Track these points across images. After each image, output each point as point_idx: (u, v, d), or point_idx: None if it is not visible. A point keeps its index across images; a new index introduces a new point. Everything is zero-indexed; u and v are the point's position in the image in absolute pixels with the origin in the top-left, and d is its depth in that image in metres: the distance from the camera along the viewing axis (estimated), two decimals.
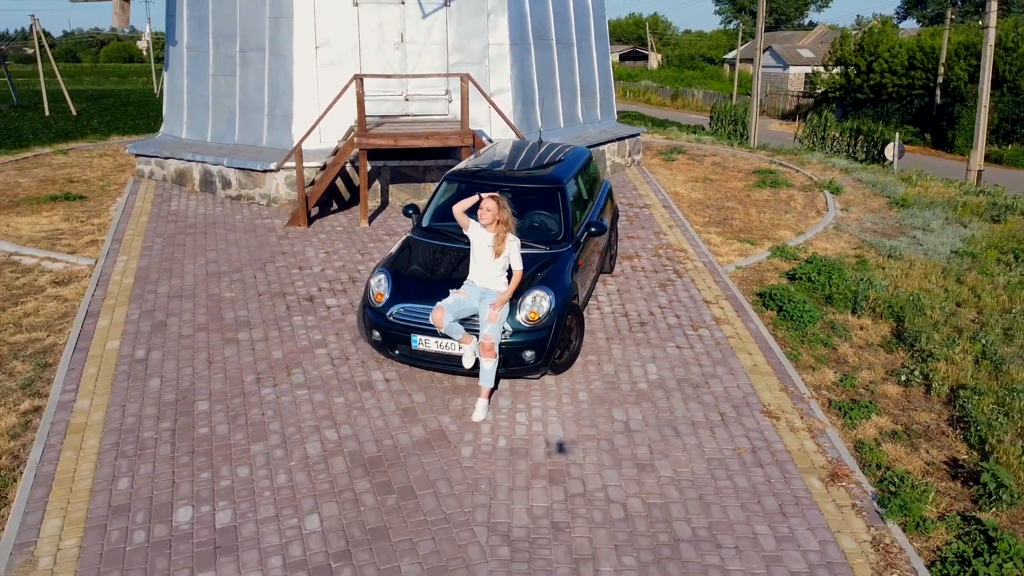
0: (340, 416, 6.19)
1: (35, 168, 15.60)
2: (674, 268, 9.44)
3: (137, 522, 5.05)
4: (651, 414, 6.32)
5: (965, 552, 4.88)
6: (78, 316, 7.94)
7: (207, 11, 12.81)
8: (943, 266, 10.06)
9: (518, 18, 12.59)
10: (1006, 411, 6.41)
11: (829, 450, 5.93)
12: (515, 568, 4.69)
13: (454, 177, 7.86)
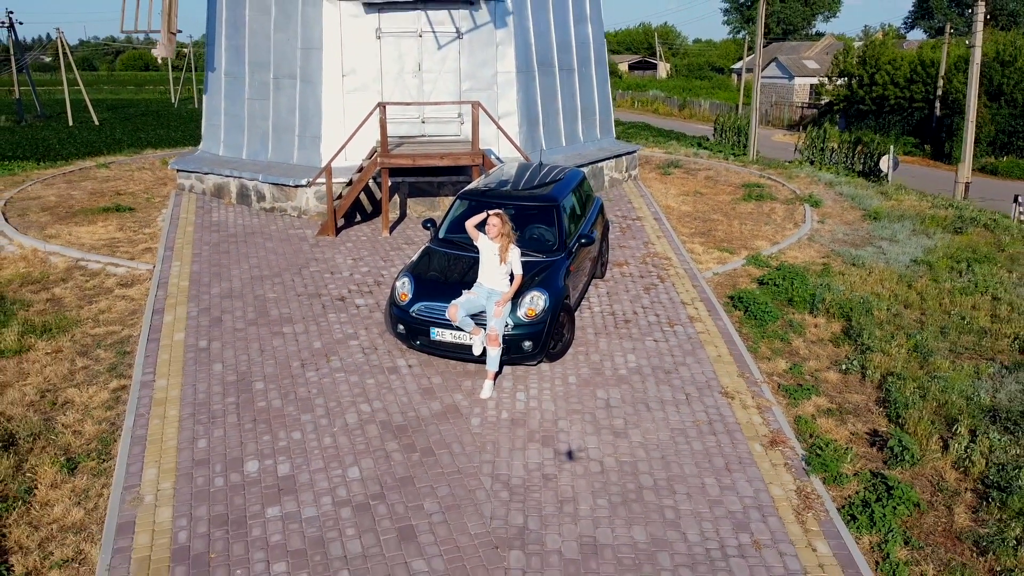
0: (372, 394, 7.58)
1: (82, 181, 17.11)
2: (658, 274, 10.80)
3: (216, 471, 6.44)
4: (628, 394, 7.67)
5: (868, 498, 6.20)
6: (146, 313, 9.37)
7: (243, 42, 14.30)
8: (899, 273, 11.37)
9: (524, 48, 14.00)
10: (923, 393, 7.73)
11: (772, 423, 7.27)
12: (512, 506, 6.05)
13: (466, 195, 9.26)
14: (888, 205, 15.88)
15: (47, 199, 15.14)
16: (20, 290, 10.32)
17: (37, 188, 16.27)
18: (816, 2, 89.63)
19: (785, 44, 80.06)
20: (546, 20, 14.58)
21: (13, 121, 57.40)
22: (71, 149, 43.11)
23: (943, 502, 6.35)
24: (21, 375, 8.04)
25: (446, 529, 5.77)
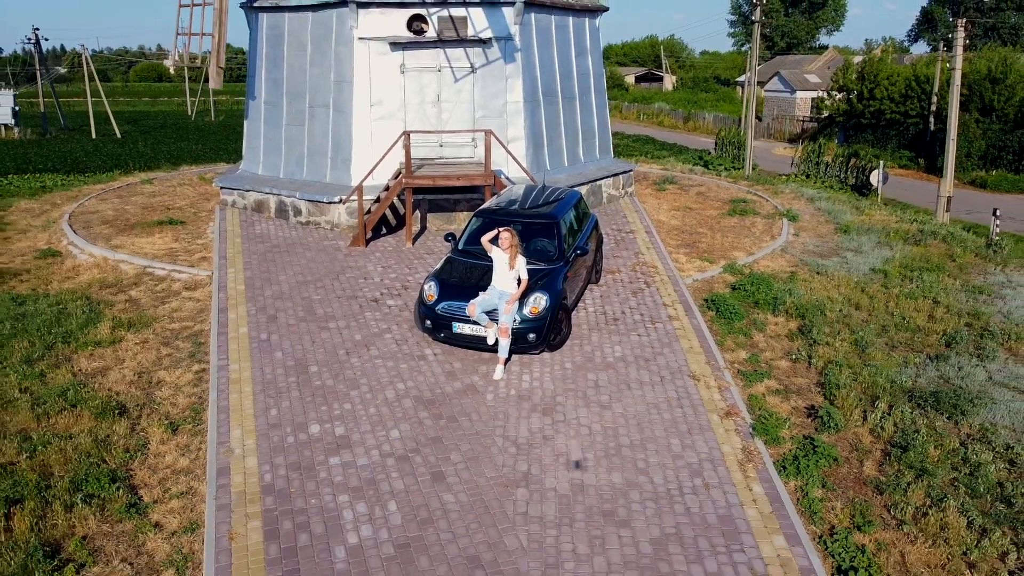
0: (405, 375, 9.40)
1: (132, 196, 19.06)
2: (645, 280, 12.60)
3: (287, 432, 8.27)
4: (613, 377, 9.47)
5: (798, 454, 7.97)
6: (212, 311, 11.24)
7: (282, 75, 16.23)
8: (857, 280, 13.13)
9: (530, 81, 15.87)
10: (855, 377, 9.49)
11: (729, 399, 9.05)
12: (519, 458, 7.85)
13: (481, 214, 11.10)
14: (859, 220, 17.63)
15: (105, 213, 17.08)
16: (100, 292, 12.20)
17: (93, 203, 18.22)
18: (819, 16, 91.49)
19: (789, 58, 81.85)
20: (550, 55, 16.46)
21: (38, 134, 59.75)
22: (98, 162, 45.28)
23: (856, 458, 8.12)
24: (118, 360, 9.90)
25: (468, 473, 7.58)
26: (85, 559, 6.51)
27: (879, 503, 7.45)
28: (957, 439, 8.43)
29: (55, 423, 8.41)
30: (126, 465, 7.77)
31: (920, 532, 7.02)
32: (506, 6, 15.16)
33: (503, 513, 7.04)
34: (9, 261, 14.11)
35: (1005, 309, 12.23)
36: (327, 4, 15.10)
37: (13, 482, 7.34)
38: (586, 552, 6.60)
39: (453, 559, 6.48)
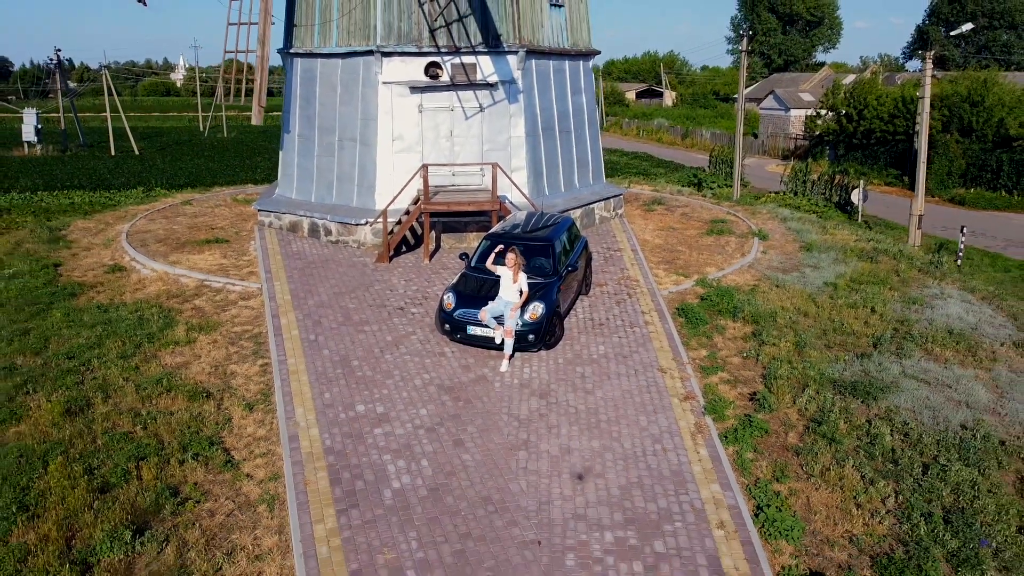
0: (429, 368, 11.79)
1: (177, 217, 21.51)
2: (628, 292, 14.99)
3: (338, 410, 10.65)
4: (596, 370, 11.84)
5: (737, 427, 10.33)
6: (267, 317, 13.64)
7: (315, 112, 18.71)
8: (809, 292, 15.50)
9: (531, 118, 18.34)
10: (791, 371, 11.85)
11: (688, 387, 11.42)
12: (520, 429, 10.21)
13: (490, 237, 13.52)
14: (823, 239, 20.02)
15: (157, 232, 19.53)
16: (169, 302, 14.63)
17: (143, 223, 20.68)
18: (816, 34, 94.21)
19: (785, 75, 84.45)
20: (548, 95, 18.93)
21: (59, 150, 62.37)
22: (121, 179, 47.95)
23: (783, 431, 10.48)
24: (196, 356, 12.31)
25: (481, 440, 9.95)
26: (199, 498, 8.89)
27: (795, 463, 9.80)
28: (865, 417, 10.79)
29: (157, 403, 10.81)
30: (218, 434, 10.16)
31: (824, 483, 9.37)
32: (510, 54, 17.64)
33: (508, 468, 9.41)
34: (83, 275, 16.55)
35: (931, 316, 14.59)
36: (355, 53, 17.60)
37: (136, 445, 9.73)
38: (570, 494, 8.97)
39: (471, 498, 8.85)
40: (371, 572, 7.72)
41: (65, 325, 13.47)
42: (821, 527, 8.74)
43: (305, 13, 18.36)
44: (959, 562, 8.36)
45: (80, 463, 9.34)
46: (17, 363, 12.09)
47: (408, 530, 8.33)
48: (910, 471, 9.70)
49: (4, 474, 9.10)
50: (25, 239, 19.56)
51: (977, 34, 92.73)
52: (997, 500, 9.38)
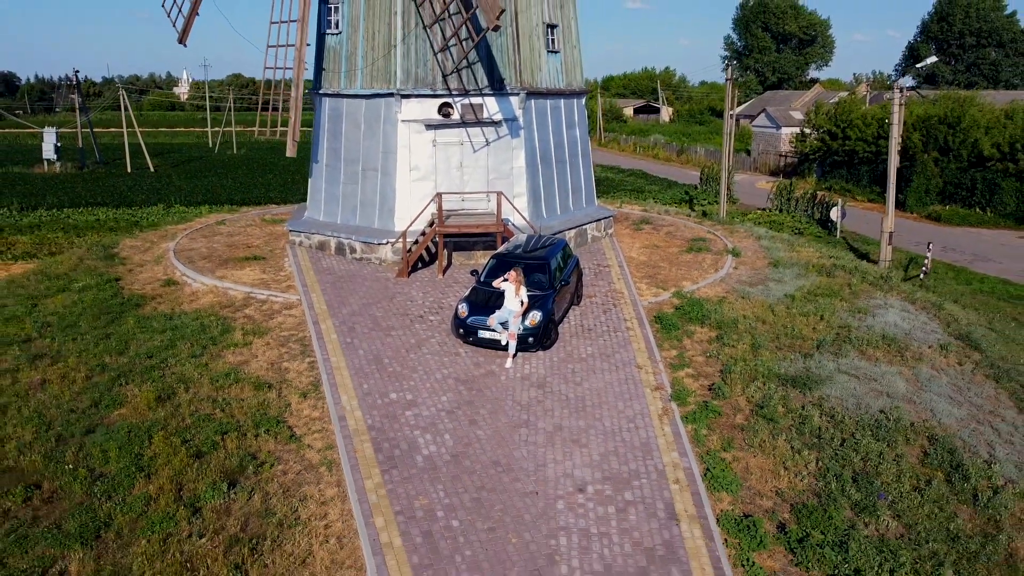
0: (447, 365, 14.48)
1: (215, 236, 24.23)
2: (613, 302, 17.70)
3: (376, 397, 13.34)
4: (585, 366, 14.53)
5: (696, 411, 13.01)
6: (308, 324, 16.34)
7: (340, 145, 21.48)
8: (770, 303, 18.19)
9: (531, 150, 21.10)
10: (745, 367, 14.53)
11: (659, 380, 14.10)
12: (521, 412, 12.88)
13: (496, 256, 16.25)
14: (790, 255, 22.73)
15: (199, 250, 22.25)
16: (222, 311, 17.32)
17: (186, 241, 23.40)
18: (809, 52, 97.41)
19: (779, 93, 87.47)
20: (546, 129, 21.71)
21: (77, 167, 65.23)
22: (142, 196, 50.88)
23: (732, 413, 13.15)
24: (253, 356, 15.00)
25: (491, 420, 12.63)
26: (273, 462, 11.56)
27: (740, 437, 12.48)
28: (800, 404, 13.47)
29: (228, 392, 13.50)
30: (281, 415, 12.84)
31: (760, 452, 12.05)
32: (512, 95, 20.43)
33: (512, 440, 12.09)
34: (142, 288, 19.25)
35: (871, 323, 17.28)
36: (378, 95, 20.38)
37: (218, 423, 12.41)
38: (560, 459, 11.65)
39: (483, 462, 11.52)
40: (410, 512, 10.40)
41: (139, 330, 16.17)
42: (755, 484, 11.42)
43: (333, 60, 21.17)
44: (860, 510, 11.03)
45: (177, 436, 12.03)
46: (107, 361, 14.79)
47: (436, 484, 11.01)
48: (830, 444, 12.39)
49: (120, 444, 11.78)
50: (85, 256, 22.27)
51: (967, 52, 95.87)
52: (899, 467, 12.07)
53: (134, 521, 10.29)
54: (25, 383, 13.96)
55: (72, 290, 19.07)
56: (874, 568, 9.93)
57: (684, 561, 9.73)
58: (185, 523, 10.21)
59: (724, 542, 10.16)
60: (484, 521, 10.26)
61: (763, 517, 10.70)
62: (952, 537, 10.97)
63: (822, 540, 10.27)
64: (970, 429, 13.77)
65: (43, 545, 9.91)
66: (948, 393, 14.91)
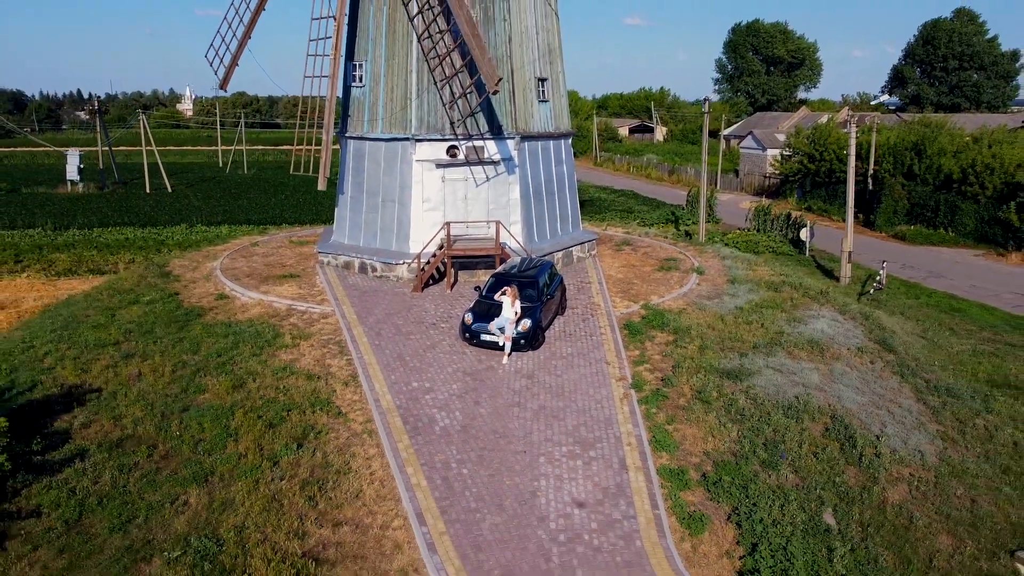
0: (456, 362, 18.55)
1: (252, 257, 28.33)
2: (591, 312, 21.77)
3: (401, 385, 17.40)
4: (566, 363, 18.60)
5: (650, 396, 17.06)
6: (343, 330, 20.40)
7: (363, 180, 25.63)
8: (721, 314, 22.24)
9: (525, 185, 25.25)
10: (692, 363, 18.58)
11: (623, 373, 18.16)
12: (515, 396, 16.94)
13: (495, 275, 20.36)
14: (747, 274, 26.81)
15: (242, 268, 26.33)
16: (271, 320, 21.38)
17: (228, 261, 27.49)
18: (797, 75, 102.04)
19: (767, 115, 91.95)
20: (538, 167, 25.89)
21: (98, 187, 69.45)
22: (165, 216, 55.12)
23: (677, 398, 17.19)
24: (301, 355, 19.05)
25: (490, 402, 16.69)
26: (327, 430, 15.59)
27: (681, 415, 16.51)
28: (731, 391, 17.51)
29: (286, 381, 17.54)
30: (329, 398, 16.88)
31: (695, 425, 16.08)
32: (509, 139, 24.59)
33: (507, 416, 16.14)
34: (199, 301, 23.31)
35: (802, 330, 21.33)
36: (396, 139, 24.55)
37: (282, 404, 16.45)
38: (543, 428, 15.69)
39: (485, 431, 15.55)
40: (432, 464, 14.44)
41: (206, 335, 20.23)
42: (688, 447, 15.47)
43: (357, 109, 25.37)
44: (765, 466, 15.07)
45: (252, 413, 16.07)
46: (185, 359, 18.84)
47: (450, 446, 15.05)
48: (749, 420, 16.43)
49: (210, 419, 15.82)
50: (144, 274, 26.35)
51: (950, 74, 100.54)
52: (802, 437, 16.11)
53: (231, 470, 14.33)
54: (125, 375, 18.02)
55: (142, 303, 23.13)
56: (767, 504, 13.96)
57: (630, 496, 13.77)
58: (268, 471, 14.25)
59: (660, 485, 14.20)
60: (486, 470, 14.31)
61: (691, 469, 14.75)
62: (837, 487, 15.02)
63: (731, 483, 14.32)
64: (868, 412, 17.83)
65: (168, 486, 13.95)
66: (855, 385, 18.97)
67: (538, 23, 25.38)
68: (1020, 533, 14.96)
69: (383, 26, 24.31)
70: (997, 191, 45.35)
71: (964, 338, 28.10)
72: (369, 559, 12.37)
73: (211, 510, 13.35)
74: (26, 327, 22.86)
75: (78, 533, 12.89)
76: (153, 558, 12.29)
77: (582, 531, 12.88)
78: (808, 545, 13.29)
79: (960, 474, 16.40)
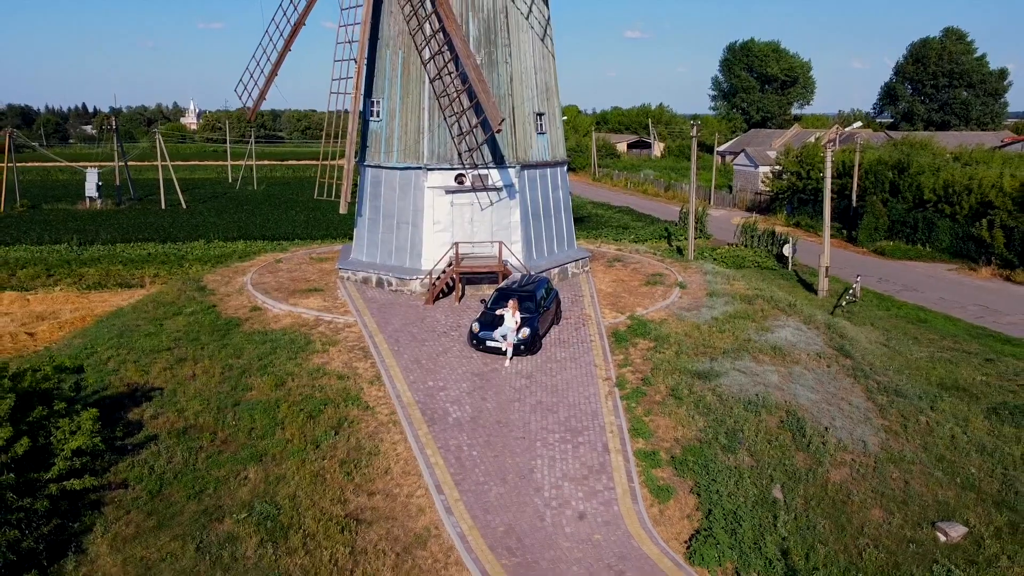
0: (465, 364, 21.74)
1: (277, 272, 31.55)
2: (583, 322, 24.96)
3: (418, 384, 20.58)
4: (560, 365, 21.78)
5: (631, 393, 20.23)
6: (365, 337, 23.59)
7: (380, 204, 28.89)
8: (698, 323, 25.41)
9: (524, 208, 28.49)
10: (669, 365, 21.75)
11: (609, 374, 21.33)
12: (516, 392, 20.11)
13: (499, 290, 23.59)
14: (725, 288, 29.99)
15: (270, 283, 29.55)
16: (301, 329, 24.56)
17: (256, 277, 30.70)
18: (791, 92, 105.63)
19: (761, 132, 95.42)
20: (536, 192, 29.15)
21: (115, 204, 72.73)
22: (183, 232, 58.33)
23: (655, 395, 20.34)
24: (331, 359, 22.23)
25: (495, 398, 19.88)
26: (358, 421, 18.75)
27: (657, 409, 19.67)
28: (700, 389, 20.65)
29: (320, 381, 20.71)
30: (358, 395, 20.05)
31: (668, 417, 19.24)
32: (510, 168, 27.86)
33: (509, 409, 19.31)
34: (235, 313, 26.50)
35: (768, 338, 24.49)
36: (410, 168, 27.82)
37: (319, 399, 19.62)
38: (539, 419, 18.86)
39: (491, 422, 18.72)
40: (447, 447, 17.60)
41: (246, 342, 23.41)
42: (661, 435, 18.63)
43: (375, 141, 28.67)
44: (725, 450, 18.22)
45: (295, 406, 19.24)
46: (231, 363, 22.02)
47: (461, 433, 18.22)
48: (714, 413, 19.58)
49: (260, 411, 18.97)
50: (183, 289, 29.56)
51: (940, 92, 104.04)
52: (759, 428, 19.24)
53: (280, 452, 17.49)
54: (181, 376, 21.20)
55: (184, 314, 26.33)
56: (724, 480, 17.11)
57: (610, 472, 16.92)
58: (311, 452, 17.42)
59: (636, 464, 17.36)
60: (492, 452, 17.47)
61: (662, 451, 17.91)
62: (786, 468, 18.16)
63: (695, 463, 17.48)
64: (820, 408, 20.98)
65: (229, 464, 17.11)
66: (811, 385, 22.13)
67: (536, 64, 28.71)
68: (944, 509, 18.06)
69: (399, 68, 27.65)
70: (972, 209, 48.49)
71: (925, 346, 31.27)
72: (398, 519, 15.53)
73: (267, 483, 16.52)
74: (84, 335, 26.09)
75: (160, 500, 16.05)
76: (225, 519, 15.44)
77: (570, 499, 16.04)
78: (756, 512, 16.45)
79: (897, 461, 19.50)
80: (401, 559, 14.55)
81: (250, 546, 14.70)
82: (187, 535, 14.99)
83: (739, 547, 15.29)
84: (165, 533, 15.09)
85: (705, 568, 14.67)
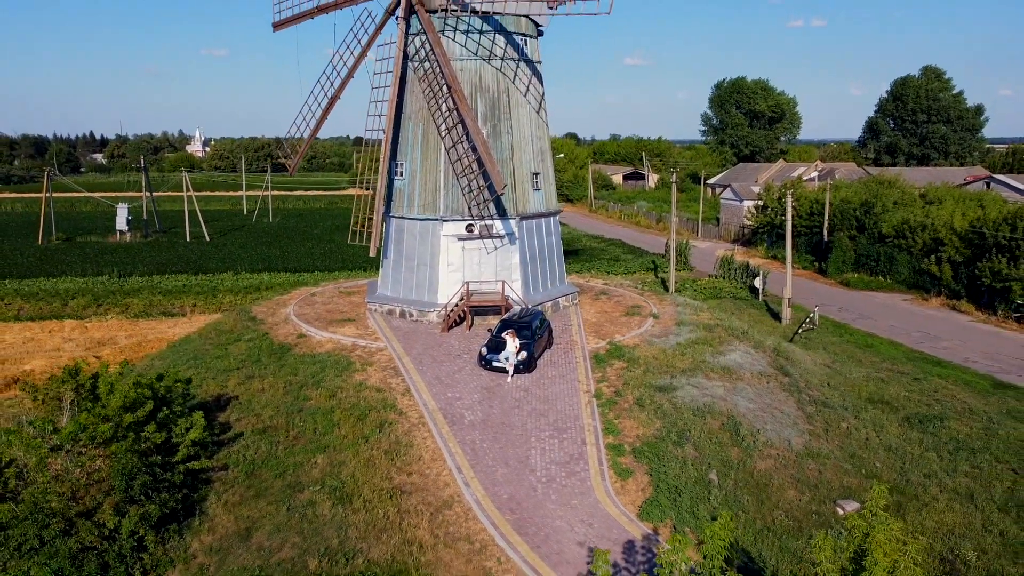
0: (475, 380, 27.99)
1: (314, 305, 37.84)
2: (570, 348, 31.21)
3: (440, 395, 26.82)
4: (551, 380, 28.03)
5: (606, 402, 26.43)
6: (395, 359, 29.83)
7: (403, 248, 35.26)
8: (666, 348, 31.63)
9: (523, 253, 34.86)
10: (637, 382, 27.95)
11: (589, 388, 27.55)
12: (516, 402, 26.34)
13: (502, 321, 29.92)
14: (692, 318, 36.23)
15: (309, 314, 35.82)
16: (342, 352, 30.79)
17: (296, 308, 36.99)
18: (778, 128, 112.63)
19: (749, 165, 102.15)
20: (533, 239, 35.55)
21: (142, 236, 79.15)
22: (213, 264, 64.82)
23: (624, 404, 26.54)
24: (369, 376, 28.45)
25: (500, 404, 26.12)
26: (395, 422, 24.95)
27: (625, 414, 25.87)
28: (660, 400, 26.84)
29: (363, 393, 26.92)
30: (394, 404, 26.26)
31: (634, 420, 25.44)
32: (511, 219, 34.27)
33: (511, 414, 25.53)
34: (284, 339, 32.73)
35: (720, 360, 30.68)
36: (428, 219, 34.22)
37: (364, 407, 25.83)
38: (535, 421, 25.11)
39: (497, 424, 24.95)
40: (464, 441, 23.81)
41: (299, 363, 29.63)
42: (627, 432, 24.83)
43: (399, 196, 35.14)
44: (675, 444, 24.43)
45: (346, 412, 25.43)
46: (290, 379, 28.22)
47: (474, 431, 24.44)
48: (669, 417, 25.77)
49: (320, 415, 25.17)
50: (237, 319, 35.83)
51: (919, 127, 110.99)
52: (704, 429, 25.43)
53: (339, 445, 23.67)
54: (253, 389, 27.40)
55: (243, 340, 32.58)
56: (672, 466, 23.28)
57: (586, 459, 23.12)
58: (362, 445, 23.60)
59: (605, 454, 23.53)
60: (498, 444, 23.67)
61: (626, 445, 24.09)
62: (722, 459, 24.35)
63: (650, 453, 23.67)
64: (755, 415, 27.18)
65: (302, 454, 23.29)
66: (750, 396, 28.34)
67: (533, 133, 35.25)
68: (847, 492, 24.16)
69: (419, 137, 34.18)
70: (926, 245, 54.82)
71: (866, 367, 37.49)
72: (430, 490, 21.70)
73: (332, 466, 22.69)
74: (162, 358, 32.35)
75: (254, 478, 22.22)
76: (304, 491, 21.60)
77: (556, 477, 22.21)
78: (694, 489, 22.63)
79: (815, 456, 25.66)
80: (434, 516, 20.70)
81: (325, 507, 20.86)
82: (278, 501, 21.16)
83: (678, 511, 21.46)
84: (262, 500, 21.26)
85: (651, 523, 20.81)
